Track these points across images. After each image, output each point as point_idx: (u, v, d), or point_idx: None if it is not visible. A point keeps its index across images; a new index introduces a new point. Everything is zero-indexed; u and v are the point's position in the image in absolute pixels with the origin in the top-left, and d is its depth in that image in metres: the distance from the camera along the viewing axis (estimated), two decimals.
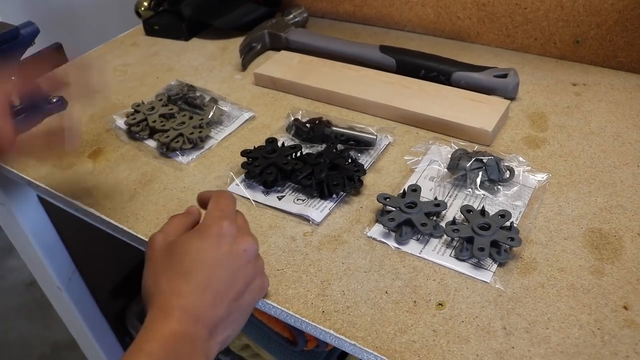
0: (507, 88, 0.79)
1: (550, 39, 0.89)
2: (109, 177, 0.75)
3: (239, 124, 0.82)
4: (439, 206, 0.61)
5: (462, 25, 0.96)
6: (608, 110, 0.77)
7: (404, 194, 0.63)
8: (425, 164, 0.70)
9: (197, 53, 1.04)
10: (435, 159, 0.70)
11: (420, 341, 0.50)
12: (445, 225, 0.59)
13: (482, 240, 0.56)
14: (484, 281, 0.55)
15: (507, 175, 0.65)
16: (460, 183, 0.66)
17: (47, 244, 1.03)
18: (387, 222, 0.60)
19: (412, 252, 0.59)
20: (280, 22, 1.02)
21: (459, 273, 0.56)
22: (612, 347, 0.48)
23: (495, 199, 0.64)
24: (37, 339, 1.89)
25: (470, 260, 0.57)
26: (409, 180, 0.68)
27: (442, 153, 0.71)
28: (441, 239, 0.60)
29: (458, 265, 0.57)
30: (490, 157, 0.65)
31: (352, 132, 0.74)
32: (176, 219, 0.55)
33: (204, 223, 0.51)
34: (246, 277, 0.51)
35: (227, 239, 0.50)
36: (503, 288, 0.54)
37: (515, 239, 0.56)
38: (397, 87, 0.81)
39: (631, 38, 0.82)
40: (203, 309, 0.47)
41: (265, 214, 0.66)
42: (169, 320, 0.46)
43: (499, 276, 0.55)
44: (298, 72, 0.88)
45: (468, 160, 0.66)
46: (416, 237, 0.60)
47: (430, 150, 0.72)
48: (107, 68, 1.02)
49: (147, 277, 0.51)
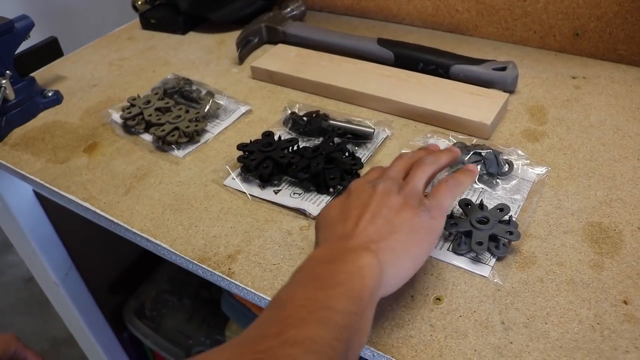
0: (506, 81, 0.78)
1: (550, 31, 0.88)
2: (105, 171, 0.74)
3: (236, 117, 0.81)
4: None
5: (461, 18, 0.95)
6: (608, 104, 0.76)
7: None
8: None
9: (194, 47, 1.03)
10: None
11: (418, 336, 0.49)
12: None
13: (480, 234, 0.56)
14: (483, 275, 0.54)
15: (506, 168, 0.65)
16: None
17: (43, 239, 1.02)
18: None
19: None
20: (277, 16, 1.01)
21: (457, 267, 0.56)
22: (612, 342, 0.47)
23: (493, 193, 0.63)
24: (35, 335, 1.89)
25: (468, 254, 0.56)
26: None
27: (441, 146, 0.70)
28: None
29: (456, 259, 0.56)
30: (488, 150, 0.65)
31: (350, 126, 0.73)
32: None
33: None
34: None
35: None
36: (501, 282, 0.53)
37: (514, 233, 0.55)
38: (395, 80, 0.81)
39: (631, 30, 0.81)
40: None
41: (262, 208, 0.65)
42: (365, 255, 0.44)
43: (497, 270, 0.54)
44: (295, 65, 0.88)
45: (466, 154, 0.65)
46: None
47: (429, 143, 0.71)
48: (104, 62, 1.01)
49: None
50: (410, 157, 0.57)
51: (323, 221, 0.51)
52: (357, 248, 0.45)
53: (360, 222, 0.48)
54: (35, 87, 0.89)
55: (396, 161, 0.56)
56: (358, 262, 0.44)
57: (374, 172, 0.56)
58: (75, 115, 0.86)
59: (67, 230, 1.06)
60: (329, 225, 0.50)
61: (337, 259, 0.45)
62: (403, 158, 0.56)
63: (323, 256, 0.46)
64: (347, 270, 0.43)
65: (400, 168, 0.55)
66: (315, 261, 0.46)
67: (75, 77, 0.98)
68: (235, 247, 0.61)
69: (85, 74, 0.98)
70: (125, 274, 1.24)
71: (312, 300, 0.41)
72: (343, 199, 0.52)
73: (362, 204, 0.50)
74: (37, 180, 0.74)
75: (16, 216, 0.97)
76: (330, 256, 0.46)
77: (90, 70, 0.99)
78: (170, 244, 0.62)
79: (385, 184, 0.51)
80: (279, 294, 0.43)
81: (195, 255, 0.60)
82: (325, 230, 0.50)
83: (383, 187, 0.51)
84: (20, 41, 0.84)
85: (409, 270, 0.48)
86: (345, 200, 0.52)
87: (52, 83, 0.96)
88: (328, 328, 0.39)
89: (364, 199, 0.50)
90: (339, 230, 0.48)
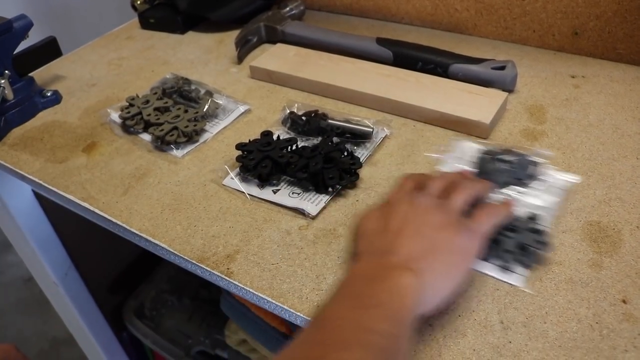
0: (505, 80, 0.78)
1: (549, 30, 0.88)
2: (103, 171, 0.74)
3: (235, 117, 0.81)
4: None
5: (460, 17, 0.95)
6: (607, 103, 0.76)
7: None
8: (449, 161, 0.68)
9: (193, 46, 1.03)
10: (459, 157, 0.68)
11: (416, 336, 0.49)
12: None
13: (509, 242, 0.54)
14: (511, 284, 0.53)
15: (534, 174, 0.63)
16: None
17: (42, 239, 1.02)
18: None
19: None
20: (276, 15, 1.01)
21: (482, 274, 0.54)
22: (611, 341, 0.47)
23: (521, 199, 0.61)
24: (35, 335, 1.89)
25: (494, 261, 0.55)
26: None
27: (466, 150, 0.69)
28: None
29: (480, 265, 0.54)
30: (518, 156, 0.63)
31: (349, 125, 0.73)
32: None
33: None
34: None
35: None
36: (533, 292, 0.52)
37: (545, 243, 0.53)
38: (394, 80, 0.81)
39: (630, 29, 0.81)
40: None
41: (260, 208, 0.65)
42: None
43: (527, 279, 0.53)
44: (294, 64, 0.87)
45: (495, 160, 0.63)
46: None
47: (454, 147, 0.70)
48: (102, 62, 1.01)
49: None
50: (449, 177, 0.56)
51: (361, 231, 0.51)
52: (398, 266, 0.45)
53: (401, 237, 0.48)
54: (34, 87, 0.88)
55: (437, 179, 0.56)
56: (399, 281, 0.44)
57: (409, 181, 0.56)
58: (74, 115, 0.86)
59: (66, 230, 1.06)
60: (367, 237, 0.50)
61: (378, 277, 0.45)
62: (443, 177, 0.56)
63: (364, 273, 0.46)
64: (388, 289, 0.43)
65: (440, 186, 0.54)
66: (356, 278, 0.46)
67: (74, 76, 0.98)
68: (234, 246, 0.60)
69: (84, 73, 0.98)
70: (124, 274, 1.24)
71: (352, 321, 0.41)
72: (382, 209, 0.52)
73: (403, 217, 0.49)
74: (36, 180, 0.74)
75: (15, 216, 0.97)
76: (372, 273, 0.45)
77: (89, 70, 0.99)
78: (169, 244, 0.62)
79: (427, 200, 0.51)
80: (320, 312, 0.43)
81: (194, 255, 0.60)
82: (364, 241, 0.50)
83: (425, 203, 0.51)
84: (18, 41, 0.84)
85: (447, 290, 0.47)
86: (385, 210, 0.51)
87: (51, 83, 0.96)
88: (369, 351, 0.38)
89: (404, 213, 0.50)
90: (379, 244, 0.48)
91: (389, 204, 0.52)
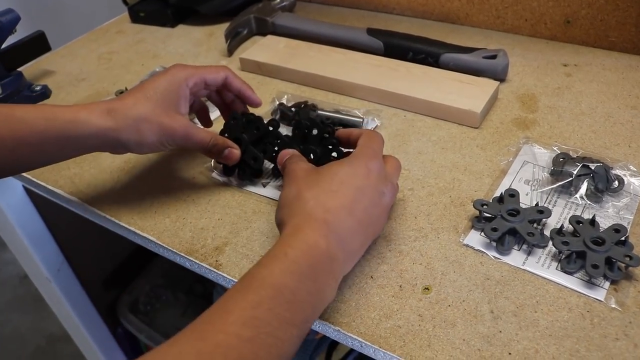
0: (497, 69, 0.77)
1: (541, 19, 0.87)
2: (92, 164, 0.73)
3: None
4: (543, 213, 0.56)
5: (451, 6, 0.94)
6: (599, 91, 0.76)
7: (501, 199, 0.58)
8: (519, 165, 0.65)
9: (183, 39, 1.02)
10: (529, 161, 0.65)
11: (406, 326, 0.49)
12: (550, 234, 0.54)
13: (596, 256, 0.51)
14: (597, 299, 0.50)
15: (616, 184, 0.59)
16: (559, 189, 0.61)
17: (34, 235, 1.02)
18: (491, 233, 0.54)
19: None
20: (266, 7, 1.00)
21: (564, 287, 0.51)
22: (602, 330, 0.47)
23: (602, 210, 0.58)
24: (32, 331, 1.89)
25: (577, 274, 0.52)
26: (501, 183, 0.63)
27: (537, 154, 0.66)
28: (544, 249, 0.55)
29: (564, 278, 0.52)
30: (598, 164, 0.60)
31: (338, 115, 0.72)
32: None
33: (356, 155, 0.52)
34: (380, 219, 0.52)
35: (374, 174, 0.51)
36: (619, 308, 0.49)
37: (634, 258, 0.50)
38: (384, 70, 0.80)
39: (623, 17, 0.80)
40: (344, 233, 0.47)
41: (250, 199, 0.65)
42: (315, 231, 0.46)
43: (613, 294, 0.50)
44: (284, 56, 0.87)
45: (574, 166, 0.60)
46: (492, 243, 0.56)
47: (522, 150, 0.67)
48: (92, 56, 1.00)
49: (289, 192, 0.51)
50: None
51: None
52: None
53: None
54: (23, 81, 0.88)
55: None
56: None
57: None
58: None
59: (58, 226, 1.05)
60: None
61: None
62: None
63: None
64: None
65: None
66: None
67: (64, 71, 0.97)
68: (222, 239, 0.60)
69: (73, 68, 0.97)
70: (118, 269, 1.24)
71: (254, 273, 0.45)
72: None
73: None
74: (25, 175, 0.73)
75: (7, 213, 0.96)
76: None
77: (79, 65, 0.98)
78: (158, 237, 0.61)
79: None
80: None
81: (182, 248, 0.60)
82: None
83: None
84: (6, 35, 0.83)
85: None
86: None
87: (40, 77, 0.95)
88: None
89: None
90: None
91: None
